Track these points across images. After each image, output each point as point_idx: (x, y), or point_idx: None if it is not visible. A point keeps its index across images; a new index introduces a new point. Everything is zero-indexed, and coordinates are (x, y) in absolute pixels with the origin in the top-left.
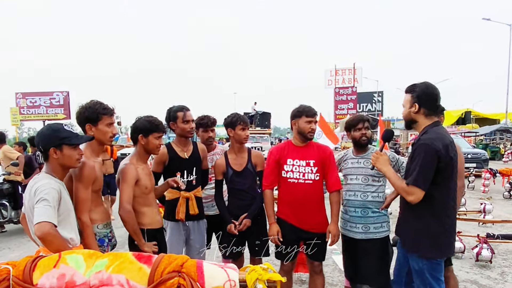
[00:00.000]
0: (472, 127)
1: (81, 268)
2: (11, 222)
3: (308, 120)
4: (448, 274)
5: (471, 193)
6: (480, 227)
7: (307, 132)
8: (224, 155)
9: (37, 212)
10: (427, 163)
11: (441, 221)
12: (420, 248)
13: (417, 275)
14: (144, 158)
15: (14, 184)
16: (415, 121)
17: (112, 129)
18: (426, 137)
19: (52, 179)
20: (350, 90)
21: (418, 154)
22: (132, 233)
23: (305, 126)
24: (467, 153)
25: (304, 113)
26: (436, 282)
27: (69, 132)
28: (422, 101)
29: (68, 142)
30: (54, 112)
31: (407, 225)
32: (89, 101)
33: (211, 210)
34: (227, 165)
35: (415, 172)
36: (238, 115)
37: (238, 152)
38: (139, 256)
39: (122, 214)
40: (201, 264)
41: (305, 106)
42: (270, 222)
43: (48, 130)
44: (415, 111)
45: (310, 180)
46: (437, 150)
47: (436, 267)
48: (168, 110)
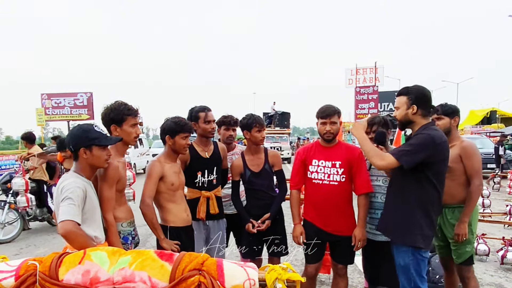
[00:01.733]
0: (497, 126)
1: (105, 264)
2: (36, 220)
3: (322, 121)
4: (469, 275)
5: (496, 195)
6: (506, 229)
7: (322, 133)
8: (241, 156)
9: (62, 211)
10: (420, 148)
11: (427, 213)
12: (410, 238)
13: (402, 271)
14: (173, 157)
15: (39, 183)
16: (412, 121)
17: (136, 129)
18: (427, 131)
19: (79, 177)
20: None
21: (416, 139)
22: (151, 227)
23: (320, 127)
24: (492, 153)
25: (318, 115)
26: (420, 280)
27: (99, 133)
28: (419, 102)
29: (98, 143)
30: (78, 113)
31: (397, 217)
32: (114, 102)
33: (230, 209)
34: (245, 166)
35: (405, 148)
36: (254, 117)
37: (254, 153)
38: (161, 254)
39: (142, 207)
40: (221, 262)
41: (321, 107)
42: (294, 222)
43: (79, 131)
44: (413, 112)
45: (335, 181)
46: (436, 143)
47: (421, 263)
48: (190, 111)
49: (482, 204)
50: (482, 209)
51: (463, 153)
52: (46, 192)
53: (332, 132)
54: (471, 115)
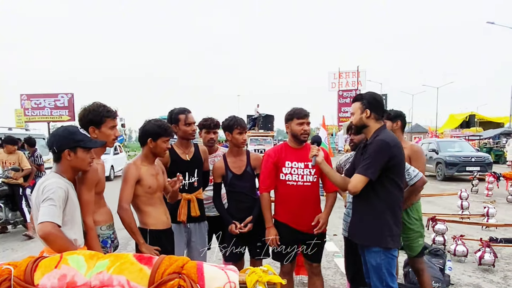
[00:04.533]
0: (476, 130)
1: (82, 268)
2: (8, 224)
3: (299, 122)
4: (422, 266)
5: (474, 197)
6: (483, 230)
7: (300, 134)
8: (223, 158)
9: (42, 212)
10: (379, 156)
11: (395, 213)
12: (382, 240)
13: (374, 271)
14: (150, 160)
15: (13, 186)
16: (366, 125)
17: (114, 131)
18: (380, 137)
19: (61, 178)
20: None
21: (372, 149)
22: (130, 232)
23: (297, 128)
24: (471, 156)
25: (295, 116)
26: (391, 278)
27: (84, 136)
28: (372, 107)
29: (83, 145)
30: (59, 114)
31: (368, 221)
32: (92, 103)
33: (212, 212)
34: (227, 168)
35: (366, 162)
36: (236, 119)
37: (237, 155)
38: (140, 257)
39: (119, 212)
40: (201, 265)
41: (296, 109)
42: (267, 225)
43: (64, 132)
44: (367, 116)
45: (309, 182)
46: (391, 146)
47: (391, 262)
48: (170, 113)
49: (460, 206)
50: (461, 211)
51: (412, 154)
52: (21, 195)
53: (308, 133)
54: (451, 119)
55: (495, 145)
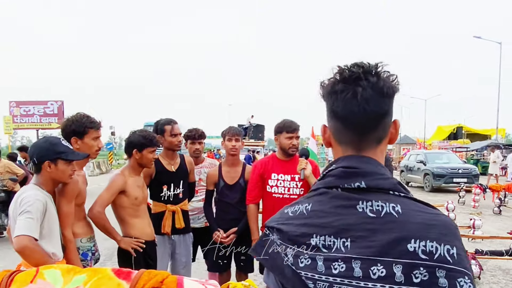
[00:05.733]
0: (463, 142)
1: (58, 283)
2: (4, 229)
3: (288, 136)
4: None
5: (461, 208)
6: (470, 242)
7: (288, 148)
8: (219, 166)
9: (18, 225)
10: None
11: None
12: None
13: None
14: (137, 171)
15: (10, 193)
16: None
17: (98, 142)
18: None
19: (40, 190)
20: None
21: None
22: (106, 232)
23: (285, 142)
24: (458, 168)
25: (284, 129)
26: None
27: (66, 147)
28: None
29: (64, 157)
30: (48, 121)
31: None
32: (76, 113)
33: (197, 223)
34: (220, 177)
35: None
36: (229, 128)
37: (231, 165)
38: (118, 272)
39: (90, 215)
40: (181, 280)
41: (286, 121)
42: (253, 237)
43: (46, 143)
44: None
45: (295, 195)
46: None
47: None
48: (156, 123)
49: None
50: None
51: None
52: None
53: (296, 147)
54: (439, 131)
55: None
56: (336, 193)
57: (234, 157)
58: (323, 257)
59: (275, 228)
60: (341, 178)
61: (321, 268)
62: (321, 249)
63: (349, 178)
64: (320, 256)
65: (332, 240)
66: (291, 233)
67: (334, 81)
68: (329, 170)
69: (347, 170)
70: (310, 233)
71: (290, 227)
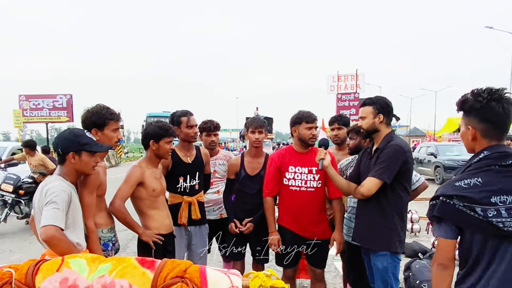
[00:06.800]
0: None
1: (84, 272)
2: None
3: (308, 126)
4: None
5: None
6: None
7: (308, 138)
8: (241, 156)
9: (45, 215)
10: (394, 160)
11: (402, 217)
12: (391, 244)
13: (379, 274)
14: (155, 162)
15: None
16: (378, 130)
17: (117, 134)
18: (395, 142)
19: (64, 181)
20: (353, 96)
21: (387, 153)
22: (127, 225)
23: (305, 132)
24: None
25: (304, 119)
26: (395, 282)
27: (90, 139)
28: (385, 112)
29: (88, 148)
30: (57, 115)
31: (377, 226)
32: (95, 105)
33: (212, 215)
34: (241, 167)
35: (381, 166)
36: (253, 119)
37: (254, 156)
38: (142, 261)
39: (111, 209)
40: (204, 270)
41: (304, 112)
42: (270, 230)
43: (70, 134)
44: (379, 121)
45: (312, 187)
46: (405, 151)
47: (397, 266)
48: (172, 115)
49: None
50: None
51: None
52: None
53: (316, 137)
54: (449, 123)
55: None
56: (497, 169)
57: (257, 149)
58: (504, 208)
59: (458, 196)
60: (497, 159)
61: (505, 214)
62: (499, 204)
63: (503, 158)
64: (501, 208)
65: (505, 197)
66: (475, 197)
67: (483, 99)
68: (485, 155)
69: (501, 154)
70: (489, 196)
71: (472, 194)
